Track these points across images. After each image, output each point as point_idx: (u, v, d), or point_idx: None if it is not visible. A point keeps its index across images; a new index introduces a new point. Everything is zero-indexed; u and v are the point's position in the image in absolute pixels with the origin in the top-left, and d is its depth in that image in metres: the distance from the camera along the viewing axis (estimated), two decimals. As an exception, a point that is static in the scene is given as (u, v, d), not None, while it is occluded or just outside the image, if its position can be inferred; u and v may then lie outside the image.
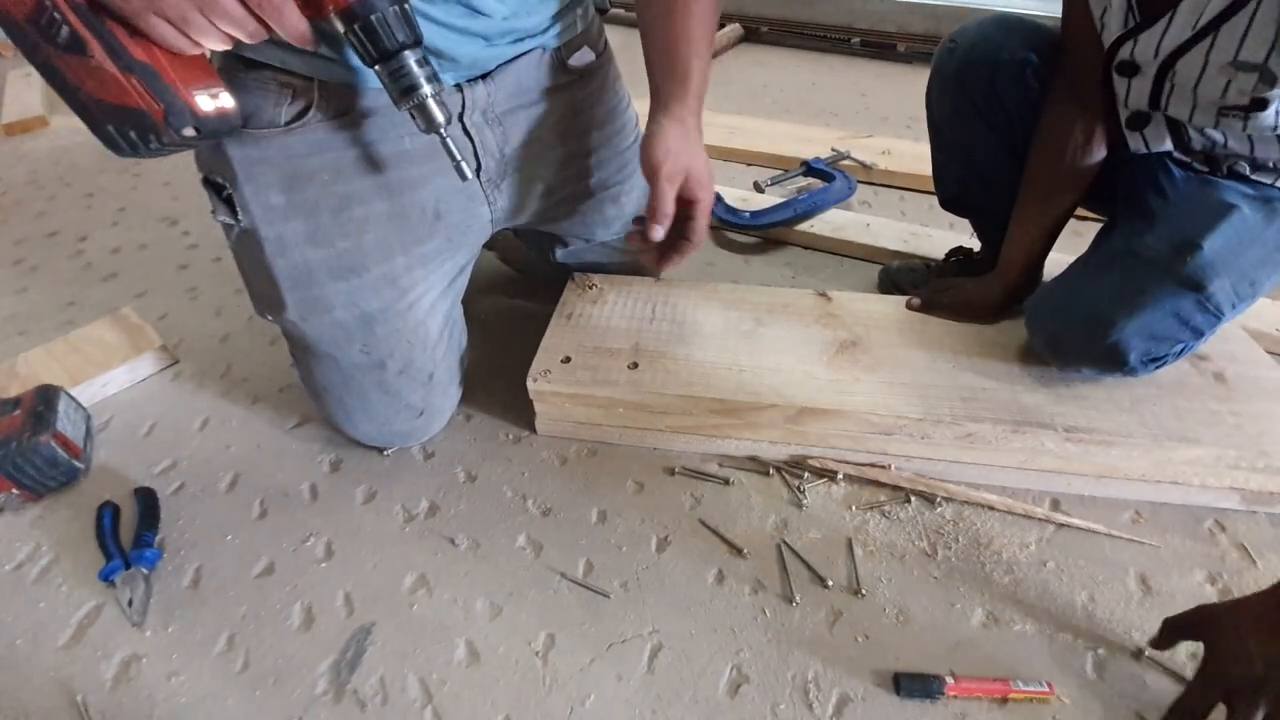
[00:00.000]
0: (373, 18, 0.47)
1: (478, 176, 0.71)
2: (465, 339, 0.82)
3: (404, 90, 0.51)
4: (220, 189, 0.63)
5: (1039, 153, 0.74)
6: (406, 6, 0.48)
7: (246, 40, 0.46)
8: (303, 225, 0.64)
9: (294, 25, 0.46)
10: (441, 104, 0.53)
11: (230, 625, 0.63)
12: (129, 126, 0.48)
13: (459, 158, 0.57)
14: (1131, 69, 0.63)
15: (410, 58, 0.50)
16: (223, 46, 0.47)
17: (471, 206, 0.72)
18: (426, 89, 0.52)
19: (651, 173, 0.67)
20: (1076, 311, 0.69)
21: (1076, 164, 0.71)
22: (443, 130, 0.55)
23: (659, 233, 0.68)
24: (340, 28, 0.48)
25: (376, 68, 0.50)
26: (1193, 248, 0.64)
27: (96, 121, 0.48)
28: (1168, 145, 0.68)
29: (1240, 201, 0.64)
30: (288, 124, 0.61)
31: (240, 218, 0.63)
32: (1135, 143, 0.69)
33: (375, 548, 0.69)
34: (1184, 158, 0.69)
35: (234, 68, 0.60)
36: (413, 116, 0.54)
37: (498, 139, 0.70)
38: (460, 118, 0.66)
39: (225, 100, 0.50)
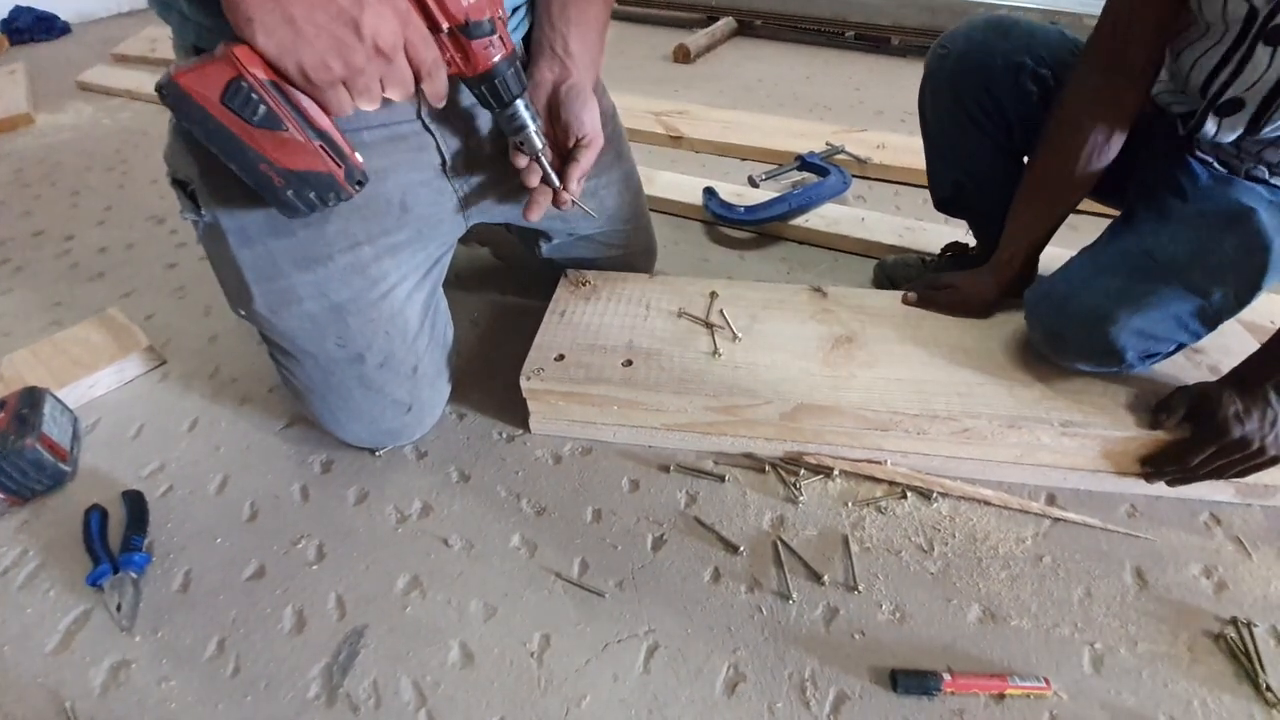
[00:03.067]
0: (507, 75, 0.57)
1: (443, 170, 0.71)
2: (451, 332, 0.82)
3: (516, 129, 0.62)
4: (185, 185, 0.63)
5: (1051, 153, 0.72)
6: (519, 65, 0.59)
7: (397, 101, 0.52)
8: (264, 215, 0.64)
9: (441, 87, 0.54)
10: (541, 135, 0.64)
11: (220, 629, 0.62)
12: (311, 189, 0.53)
13: (554, 178, 0.67)
14: None
15: (521, 104, 0.61)
16: (373, 108, 0.52)
17: (440, 200, 0.72)
18: (532, 126, 0.63)
19: (596, 137, 0.71)
20: (1078, 307, 0.68)
21: (1091, 165, 0.69)
22: (541, 155, 0.65)
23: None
24: (474, 86, 0.58)
25: (496, 112, 0.61)
26: (1207, 253, 0.63)
27: (276, 188, 0.52)
28: (1235, 134, 0.63)
29: (1258, 205, 0.63)
30: None
31: (204, 212, 0.64)
32: (1210, 127, 0.64)
33: (367, 549, 0.68)
34: (1206, 156, 0.67)
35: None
36: (519, 146, 0.64)
37: (459, 133, 0.70)
38: (419, 114, 0.67)
39: (359, 155, 0.56)
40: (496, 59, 0.55)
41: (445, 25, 0.51)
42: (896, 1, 2.11)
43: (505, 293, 1.05)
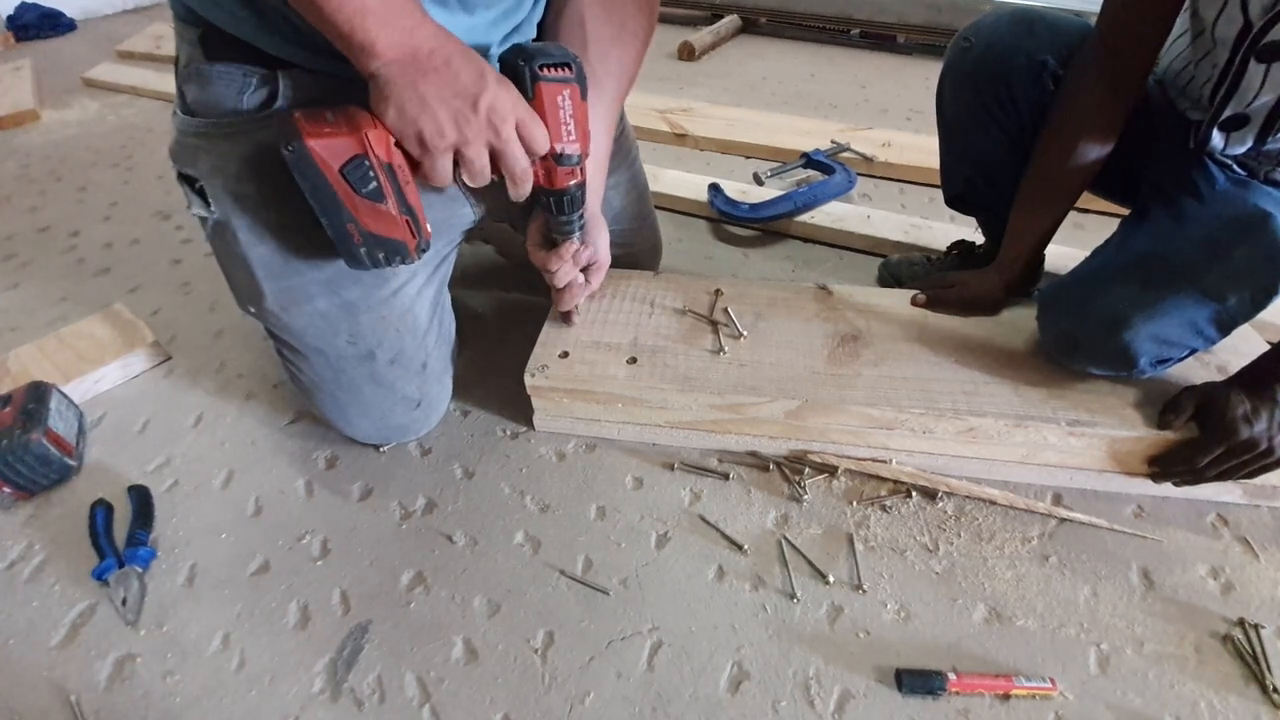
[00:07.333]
0: (576, 195, 0.66)
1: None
2: (454, 327, 0.82)
3: (565, 235, 0.70)
4: (193, 181, 0.63)
5: (1053, 147, 0.72)
6: (584, 189, 0.67)
7: (505, 178, 0.59)
8: (275, 213, 0.63)
9: (526, 190, 0.61)
10: (582, 246, 0.73)
11: (225, 624, 0.62)
12: (384, 251, 0.59)
13: (581, 279, 0.76)
14: (1276, 51, 0.56)
15: (576, 216, 0.69)
16: (478, 184, 0.58)
17: (452, 206, 0.72)
18: (577, 235, 0.71)
19: (606, 261, 0.78)
20: (1092, 311, 0.67)
21: (1090, 159, 0.69)
22: (579, 265, 0.74)
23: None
24: (546, 196, 0.65)
25: (553, 217, 0.68)
26: (1223, 259, 0.62)
27: (353, 244, 0.57)
28: (1244, 147, 0.64)
29: (1276, 210, 0.62)
30: (252, 113, 0.60)
31: (213, 209, 0.63)
32: (1217, 141, 0.65)
33: (372, 545, 0.69)
34: (1224, 159, 0.66)
35: (198, 61, 0.60)
36: (556, 241, 0.71)
37: None
38: None
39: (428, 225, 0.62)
40: (571, 184, 0.65)
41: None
42: (902, -1, 2.10)
43: (510, 290, 1.05)
